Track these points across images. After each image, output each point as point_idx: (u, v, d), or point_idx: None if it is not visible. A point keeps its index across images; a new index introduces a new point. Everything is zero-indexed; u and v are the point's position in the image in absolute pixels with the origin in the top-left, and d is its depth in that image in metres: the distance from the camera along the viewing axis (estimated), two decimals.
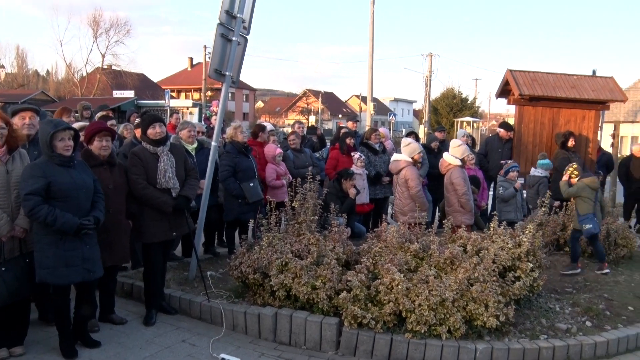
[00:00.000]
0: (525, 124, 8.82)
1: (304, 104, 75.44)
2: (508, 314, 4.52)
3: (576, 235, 6.66)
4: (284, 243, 5.13)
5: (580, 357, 4.56)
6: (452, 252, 4.88)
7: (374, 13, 24.09)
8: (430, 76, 36.95)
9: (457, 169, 6.63)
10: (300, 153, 8.07)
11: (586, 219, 6.42)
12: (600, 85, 9.05)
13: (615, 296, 5.67)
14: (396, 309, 4.39)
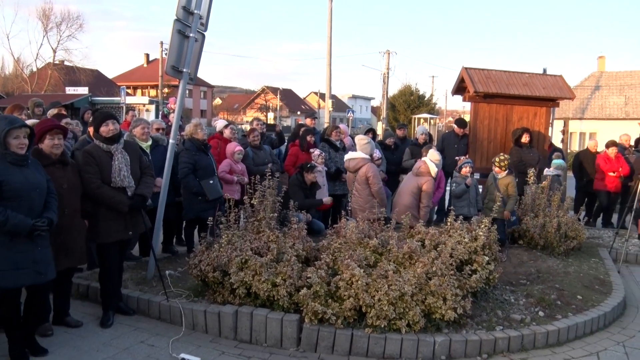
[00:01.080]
0: (480, 121, 9.01)
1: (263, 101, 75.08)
2: (465, 306, 4.62)
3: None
4: (244, 240, 5.11)
5: (533, 346, 4.70)
6: (410, 247, 4.96)
7: (332, 10, 24.18)
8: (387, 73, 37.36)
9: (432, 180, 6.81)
10: (259, 150, 8.03)
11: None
12: (551, 83, 9.34)
13: (565, 286, 5.87)
14: (356, 304, 4.43)
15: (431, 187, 6.74)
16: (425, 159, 6.92)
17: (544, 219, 7.36)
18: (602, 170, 9.60)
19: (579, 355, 4.63)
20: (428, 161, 6.84)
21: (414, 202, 6.73)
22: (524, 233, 7.44)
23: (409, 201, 6.76)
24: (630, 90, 33.95)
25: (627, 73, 35.46)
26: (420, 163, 6.91)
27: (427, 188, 6.68)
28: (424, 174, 6.77)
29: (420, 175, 6.76)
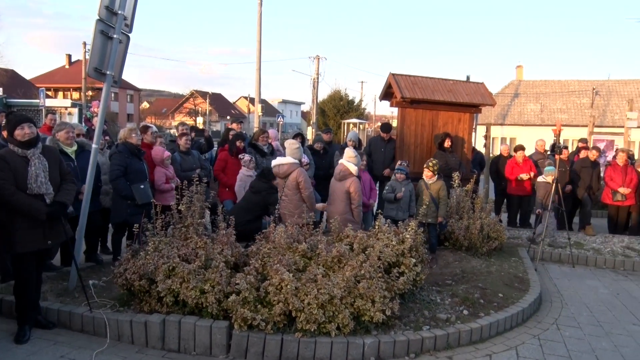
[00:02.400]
0: (407, 126, 9.24)
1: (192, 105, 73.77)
2: (393, 308, 4.72)
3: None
4: (171, 247, 5.00)
5: (458, 344, 4.87)
6: (339, 251, 5.01)
7: (261, 15, 24.10)
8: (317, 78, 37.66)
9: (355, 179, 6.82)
10: (187, 155, 7.88)
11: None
12: (473, 90, 9.71)
13: (488, 285, 6.12)
14: (286, 309, 4.43)
15: (358, 186, 6.76)
16: (342, 160, 6.94)
17: (468, 221, 7.65)
18: (512, 174, 10.12)
19: (499, 350, 4.84)
20: (345, 162, 6.86)
21: (347, 207, 6.77)
22: (450, 235, 7.71)
23: (342, 208, 6.80)
24: (545, 98, 35.92)
25: (543, 82, 37.52)
26: (339, 167, 6.94)
27: (354, 189, 6.71)
28: (347, 176, 6.81)
29: (344, 179, 6.81)
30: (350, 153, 6.95)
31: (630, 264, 8.13)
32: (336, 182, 6.83)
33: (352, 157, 6.88)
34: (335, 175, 6.94)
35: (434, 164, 7.65)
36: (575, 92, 35.51)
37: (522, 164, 10.17)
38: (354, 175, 6.77)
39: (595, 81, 35.92)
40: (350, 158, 6.86)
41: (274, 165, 6.92)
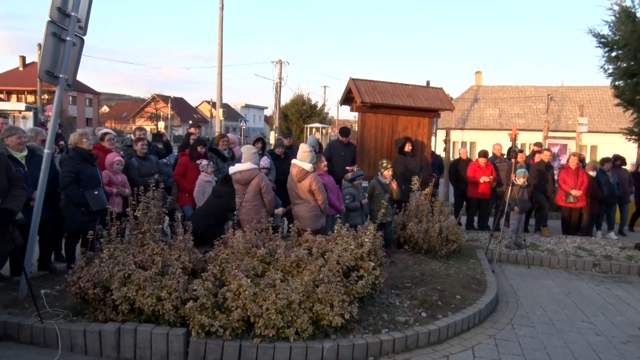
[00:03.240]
0: (367, 130, 9.32)
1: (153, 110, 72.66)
2: (352, 311, 4.74)
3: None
4: (127, 254, 4.90)
5: (416, 346, 4.91)
6: (298, 255, 5.00)
7: (222, 19, 23.92)
8: (280, 83, 37.60)
9: (315, 176, 6.77)
10: (145, 160, 7.75)
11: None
12: (432, 95, 9.87)
13: (446, 287, 6.21)
14: (244, 315, 4.40)
15: (317, 181, 6.72)
16: (295, 160, 6.91)
17: (427, 224, 7.75)
18: (474, 178, 10.33)
19: (456, 350, 4.91)
20: (298, 162, 6.82)
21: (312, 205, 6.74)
22: (409, 238, 7.79)
23: (308, 208, 6.77)
24: (503, 103, 36.78)
25: (501, 87, 38.41)
26: (294, 168, 6.90)
27: (315, 185, 6.67)
28: (305, 175, 6.78)
29: (303, 179, 6.78)
30: (304, 148, 6.91)
31: (581, 264, 8.39)
32: (295, 184, 6.80)
33: (305, 152, 6.82)
34: (292, 176, 6.91)
35: (389, 163, 7.79)
36: (532, 98, 36.48)
37: (484, 168, 10.37)
38: (310, 172, 6.73)
39: (550, 87, 37.00)
40: (303, 156, 6.80)
41: (234, 171, 6.84)
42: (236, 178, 6.80)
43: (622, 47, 9.18)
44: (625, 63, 9.24)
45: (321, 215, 6.75)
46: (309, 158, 6.78)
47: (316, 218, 6.68)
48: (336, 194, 7.76)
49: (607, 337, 5.44)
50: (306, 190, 6.65)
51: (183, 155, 8.57)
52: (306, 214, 6.67)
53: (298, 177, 6.72)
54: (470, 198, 10.62)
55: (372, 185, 7.70)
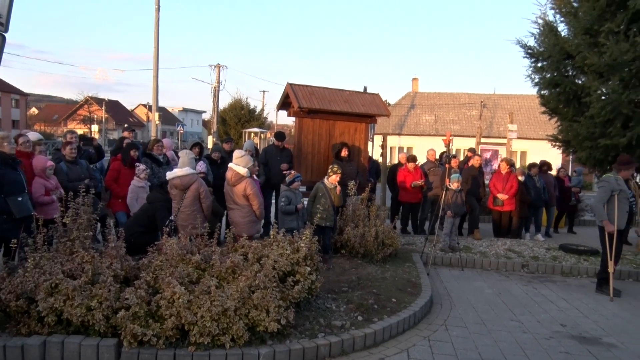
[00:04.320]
0: (304, 135, 9.34)
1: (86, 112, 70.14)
2: (288, 317, 4.72)
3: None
4: (54, 263, 4.70)
5: (353, 349, 4.95)
6: (233, 261, 4.95)
7: (158, 20, 23.43)
8: (218, 87, 37.19)
9: (251, 180, 6.72)
10: (74, 165, 7.47)
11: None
12: (369, 101, 10.02)
13: (382, 291, 6.30)
14: (178, 323, 4.31)
15: (253, 186, 6.70)
16: (230, 165, 6.87)
17: (363, 228, 7.84)
18: (403, 182, 10.56)
19: (392, 353, 4.98)
20: (234, 166, 6.78)
21: (248, 209, 6.68)
22: (346, 242, 7.85)
23: (243, 213, 6.72)
24: (439, 109, 37.84)
25: (437, 94, 39.50)
26: (228, 172, 6.85)
27: (249, 190, 6.64)
28: (240, 179, 6.73)
29: (236, 185, 6.73)
30: (237, 154, 6.87)
31: (511, 265, 8.72)
32: (231, 188, 6.75)
33: (238, 157, 6.78)
34: (227, 181, 6.85)
35: (340, 168, 7.84)
36: (466, 105, 37.70)
37: (413, 173, 10.61)
38: (245, 176, 6.69)
39: (483, 95, 38.37)
40: (238, 160, 6.77)
41: (172, 176, 6.70)
42: (174, 183, 6.67)
43: (547, 58, 9.66)
44: (549, 73, 9.72)
45: (256, 221, 6.71)
46: (244, 162, 6.74)
47: (251, 224, 6.64)
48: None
49: (533, 334, 5.67)
50: (241, 194, 6.60)
51: (116, 160, 8.31)
52: (241, 219, 6.62)
53: (233, 181, 6.68)
54: (402, 202, 10.83)
55: (316, 187, 7.72)
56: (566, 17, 9.52)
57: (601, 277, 7.56)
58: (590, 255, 9.27)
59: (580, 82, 9.41)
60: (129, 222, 6.83)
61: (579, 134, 9.27)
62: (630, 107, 8.30)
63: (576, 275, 8.56)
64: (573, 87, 9.35)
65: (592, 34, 8.85)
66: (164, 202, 6.77)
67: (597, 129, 8.88)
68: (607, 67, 8.36)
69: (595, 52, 8.55)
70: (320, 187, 7.70)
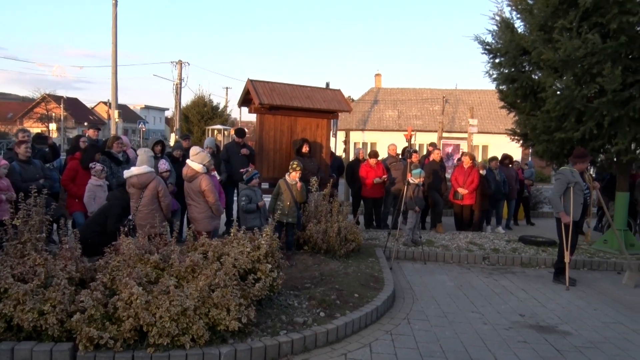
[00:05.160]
0: (266, 132, 9.28)
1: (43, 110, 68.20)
2: (250, 315, 4.68)
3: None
4: (4, 267, 4.54)
5: (315, 346, 4.94)
6: (193, 260, 4.88)
7: (116, 16, 22.94)
8: (180, 84, 36.68)
9: (206, 176, 6.64)
10: (28, 165, 7.25)
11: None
12: (330, 96, 10.02)
13: (345, 286, 6.31)
14: (137, 324, 4.22)
15: (209, 182, 6.62)
16: (188, 161, 6.81)
17: (326, 224, 7.85)
18: (366, 178, 10.62)
19: (354, 348, 5.00)
20: (190, 162, 6.72)
21: (205, 206, 6.61)
22: (309, 239, 7.85)
23: (201, 209, 6.64)
24: (402, 105, 38.19)
25: (399, 90, 39.87)
26: (185, 169, 6.78)
27: (205, 186, 6.57)
28: (195, 175, 6.67)
29: (192, 181, 6.66)
30: (193, 151, 6.81)
31: (472, 258, 8.86)
32: (188, 185, 6.69)
33: (195, 154, 6.73)
34: (184, 178, 6.79)
35: (300, 164, 7.86)
36: (429, 100, 38.17)
37: (375, 168, 10.67)
38: (201, 172, 6.63)
39: (445, 90, 38.91)
40: (194, 157, 6.71)
41: (130, 175, 6.57)
42: (132, 182, 6.54)
43: (504, 54, 9.81)
44: (506, 69, 9.88)
45: (214, 216, 6.65)
46: (201, 159, 6.69)
47: (208, 220, 6.59)
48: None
49: (493, 325, 5.77)
50: (197, 190, 6.54)
51: (73, 159, 8.11)
52: (197, 215, 6.57)
53: (188, 178, 6.63)
54: (365, 198, 10.89)
55: (278, 184, 7.75)
56: (522, 14, 9.67)
57: (558, 267, 7.75)
58: (548, 246, 9.50)
59: (536, 77, 9.57)
60: (86, 222, 6.68)
61: (536, 127, 9.44)
62: (583, 102, 8.49)
63: (535, 266, 8.75)
64: (529, 82, 9.51)
65: (546, 30, 9.02)
66: (122, 201, 6.63)
67: (552, 123, 9.05)
68: (562, 63, 8.54)
69: (550, 48, 8.72)
70: (282, 183, 7.70)
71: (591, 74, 8.39)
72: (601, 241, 9.88)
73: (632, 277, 7.81)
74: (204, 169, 6.65)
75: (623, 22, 8.08)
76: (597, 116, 8.51)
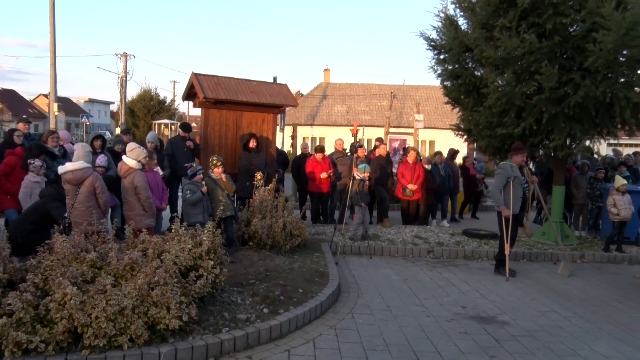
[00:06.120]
0: (211, 126, 9.13)
1: None
2: (191, 313, 4.59)
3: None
4: None
5: (258, 343, 4.90)
6: (131, 258, 4.74)
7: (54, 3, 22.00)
8: (125, 77, 35.69)
9: (139, 172, 6.48)
10: None
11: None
12: (277, 91, 9.95)
13: (289, 282, 6.29)
14: (70, 326, 4.06)
15: (141, 179, 6.47)
16: (123, 157, 6.65)
17: (271, 219, 7.79)
18: (312, 173, 10.63)
19: (298, 344, 4.98)
20: (125, 158, 6.56)
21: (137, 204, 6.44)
22: (254, 234, 7.77)
23: (133, 206, 6.47)
24: (351, 100, 38.41)
25: (348, 85, 40.07)
26: (119, 165, 6.63)
27: (137, 181, 6.41)
28: (129, 171, 6.50)
29: (125, 177, 6.50)
30: (129, 147, 6.65)
31: (417, 251, 9.00)
32: (124, 181, 6.52)
33: (131, 150, 6.57)
34: (119, 174, 6.62)
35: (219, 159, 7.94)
36: (377, 95, 38.53)
37: (321, 163, 10.68)
38: (135, 168, 6.47)
39: (393, 86, 39.38)
40: (130, 152, 6.55)
41: (64, 171, 6.31)
42: (67, 178, 6.29)
43: (448, 50, 9.99)
44: (450, 65, 10.07)
45: (146, 215, 6.49)
46: (136, 155, 6.54)
47: (140, 217, 6.43)
48: (159, 192, 7.56)
49: (435, 318, 5.88)
50: (130, 187, 6.39)
51: (12, 154, 7.74)
52: (129, 212, 6.41)
53: (122, 173, 6.48)
54: (311, 193, 10.90)
55: (205, 183, 7.70)
56: (465, 12, 9.86)
57: (498, 259, 7.97)
58: (490, 239, 9.76)
59: (479, 74, 9.80)
60: (17, 219, 6.39)
61: (479, 123, 9.67)
62: (523, 99, 8.74)
63: (477, 258, 8.97)
64: (472, 78, 9.72)
65: (487, 28, 9.23)
66: (57, 195, 6.38)
67: (494, 118, 9.29)
68: (502, 61, 8.77)
69: (491, 45, 8.93)
70: (208, 181, 7.74)
71: (530, 72, 8.66)
72: (539, 233, 10.24)
73: (567, 267, 8.13)
74: (139, 165, 6.48)
75: (557, 23, 8.41)
76: (535, 112, 8.79)
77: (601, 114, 8.67)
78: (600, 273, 8.39)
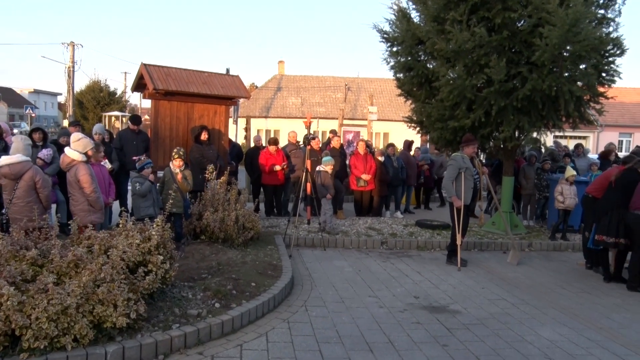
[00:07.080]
0: (161, 118, 8.92)
1: None
2: (139, 310, 4.46)
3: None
4: None
5: (210, 338, 4.80)
6: (76, 255, 4.56)
7: None
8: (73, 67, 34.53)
9: (83, 165, 6.22)
10: None
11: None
12: (229, 82, 9.79)
13: (242, 275, 6.20)
14: (7, 329, 3.87)
15: (86, 171, 6.17)
16: (66, 149, 6.36)
17: (223, 212, 7.67)
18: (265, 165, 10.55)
19: (250, 338, 4.91)
20: (67, 150, 6.27)
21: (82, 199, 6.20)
22: (206, 228, 7.64)
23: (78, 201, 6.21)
24: (305, 92, 38.35)
25: (302, 77, 39.98)
26: (62, 157, 6.34)
27: (81, 174, 6.14)
28: (71, 164, 6.22)
29: (68, 169, 6.23)
30: (74, 138, 6.35)
31: (371, 243, 9.05)
32: (68, 175, 6.25)
33: (75, 141, 6.27)
34: (61, 167, 6.35)
35: (183, 151, 7.77)
36: (331, 88, 38.58)
37: (275, 155, 10.60)
38: (78, 160, 6.19)
39: (347, 78, 39.53)
40: (74, 143, 6.26)
41: (1, 164, 6.02)
42: (3, 172, 6.00)
43: (400, 43, 10.06)
44: (403, 58, 10.14)
45: (92, 209, 6.25)
46: (82, 146, 6.25)
47: (84, 212, 6.17)
48: (106, 186, 7.34)
49: (389, 308, 5.91)
50: (74, 180, 6.14)
51: None
52: (73, 208, 6.17)
53: (64, 166, 6.20)
54: (265, 185, 10.82)
55: (164, 172, 7.51)
56: (417, 5, 9.94)
57: (450, 249, 8.10)
58: (443, 230, 9.92)
59: (431, 66, 9.90)
60: None
61: (431, 115, 9.78)
62: (473, 91, 8.89)
63: (430, 249, 9.10)
64: (425, 71, 9.82)
65: (439, 21, 9.33)
66: None
67: (446, 111, 9.41)
68: (453, 54, 8.89)
69: (443, 38, 9.04)
70: (167, 172, 7.56)
71: (480, 65, 8.80)
72: (490, 223, 10.47)
73: (515, 255, 8.35)
74: (83, 157, 6.21)
75: (506, 18, 8.60)
76: (485, 105, 8.95)
77: (547, 106, 8.90)
78: (546, 261, 8.65)
